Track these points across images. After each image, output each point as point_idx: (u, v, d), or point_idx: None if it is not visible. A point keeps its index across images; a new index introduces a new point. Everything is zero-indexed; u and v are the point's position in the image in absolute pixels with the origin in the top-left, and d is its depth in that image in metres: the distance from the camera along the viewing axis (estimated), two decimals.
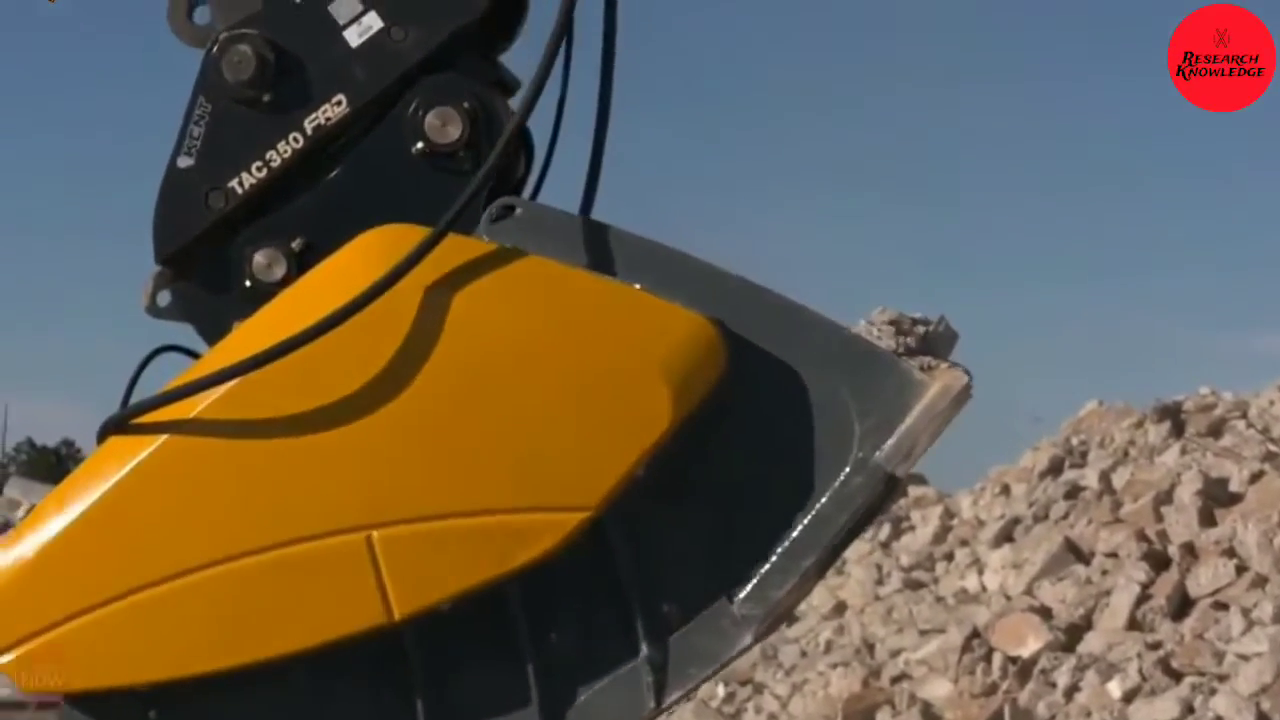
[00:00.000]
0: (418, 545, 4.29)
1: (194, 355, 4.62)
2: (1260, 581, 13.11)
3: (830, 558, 4.26)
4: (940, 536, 17.05)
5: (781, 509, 4.23)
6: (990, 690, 13.33)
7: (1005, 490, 16.99)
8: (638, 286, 4.28)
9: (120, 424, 4.27)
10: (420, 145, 4.49)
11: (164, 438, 4.31)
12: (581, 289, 4.33)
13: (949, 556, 16.49)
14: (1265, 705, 11.83)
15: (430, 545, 4.29)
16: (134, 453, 4.27)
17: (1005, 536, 15.89)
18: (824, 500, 4.22)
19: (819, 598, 16.71)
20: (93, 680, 4.37)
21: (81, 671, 4.37)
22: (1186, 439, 15.93)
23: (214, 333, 4.61)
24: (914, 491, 18.09)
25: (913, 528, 17.81)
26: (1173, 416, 16.44)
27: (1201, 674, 12.48)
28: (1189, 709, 12.17)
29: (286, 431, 4.34)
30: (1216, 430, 16.02)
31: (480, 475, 4.28)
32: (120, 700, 4.33)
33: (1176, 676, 12.52)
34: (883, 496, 4.26)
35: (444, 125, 4.49)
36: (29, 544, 4.35)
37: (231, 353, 4.29)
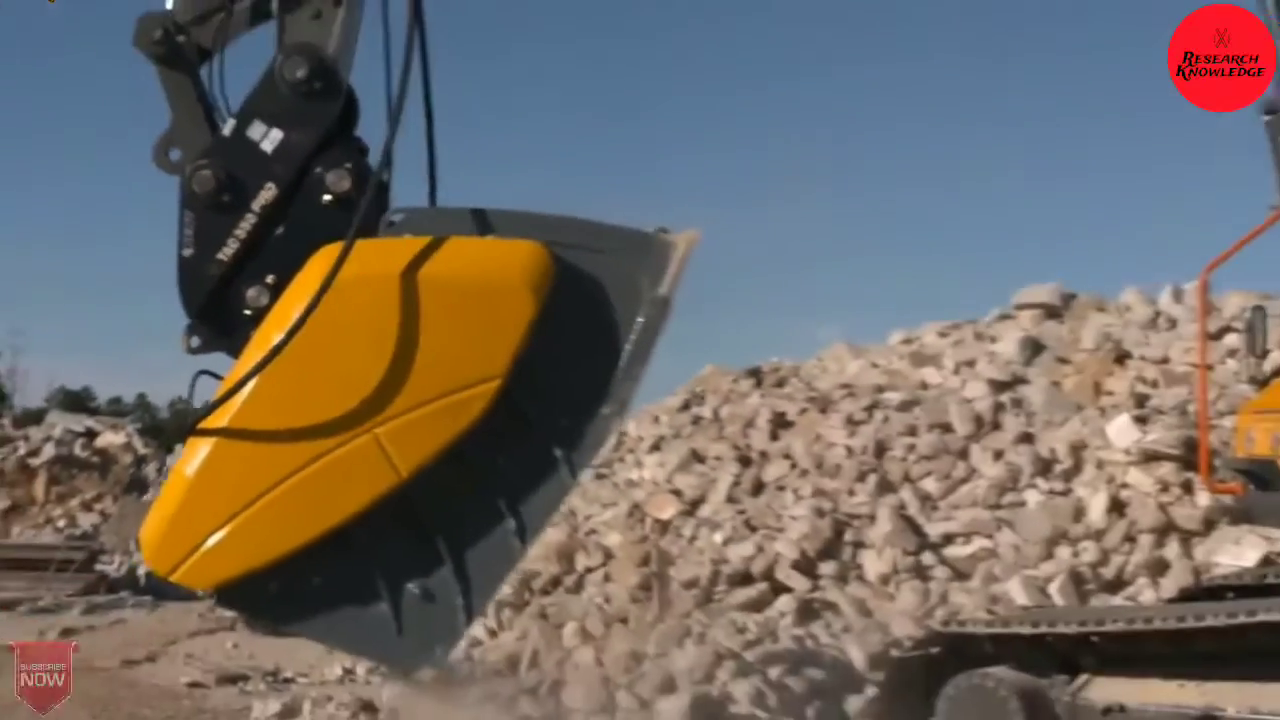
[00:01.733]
0: (405, 430, 5.88)
1: (218, 376, 6.10)
2: (804, 473, 16.88)
3: (646, 363, 6.20)
4: (617, 447, 19.59)
5: (616, 343, 6.02)
6: (644, 539, 16.59)
7: (656, 419, 20.39)
8: (490, 237, 5.95)
9: (194, 428, 5.96)
10: (327, 197, 6.02)
11: (227, 422, 5.88)
12: (457, 247, 5.90)
13: (622, 459, 19.67)
14: (806, 546, 15.12)
15: (412, 428, 5.88)
16: (210, 439, 5.89)
17: (655, 447, 19.41)
18: (637, 329, 6.01)
19: None
20: (230, 572, 6.02)
21: (221, 569, 6.02)
22: (763, 388, 19.66)
23: (236, 349, 6.11)
24: None
25: None
26: (756, 375, 20.18)
27: (769, 528, 15.85)
28: (760, 549, 15.35)
29: (305, 387, 5.87)
30: (781, 383, 19.79)
31: (429, 377, 5.83)
32: (249, 582, 6.05)
33: (754, 530, 15.90)
34: (666, 319, 6.14)
35: (339, 181, 6.03)
36: (168, 503, 6.16)
37: (254, 355, 5.85)
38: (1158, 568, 14.60)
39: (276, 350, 5.84)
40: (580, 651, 14.42)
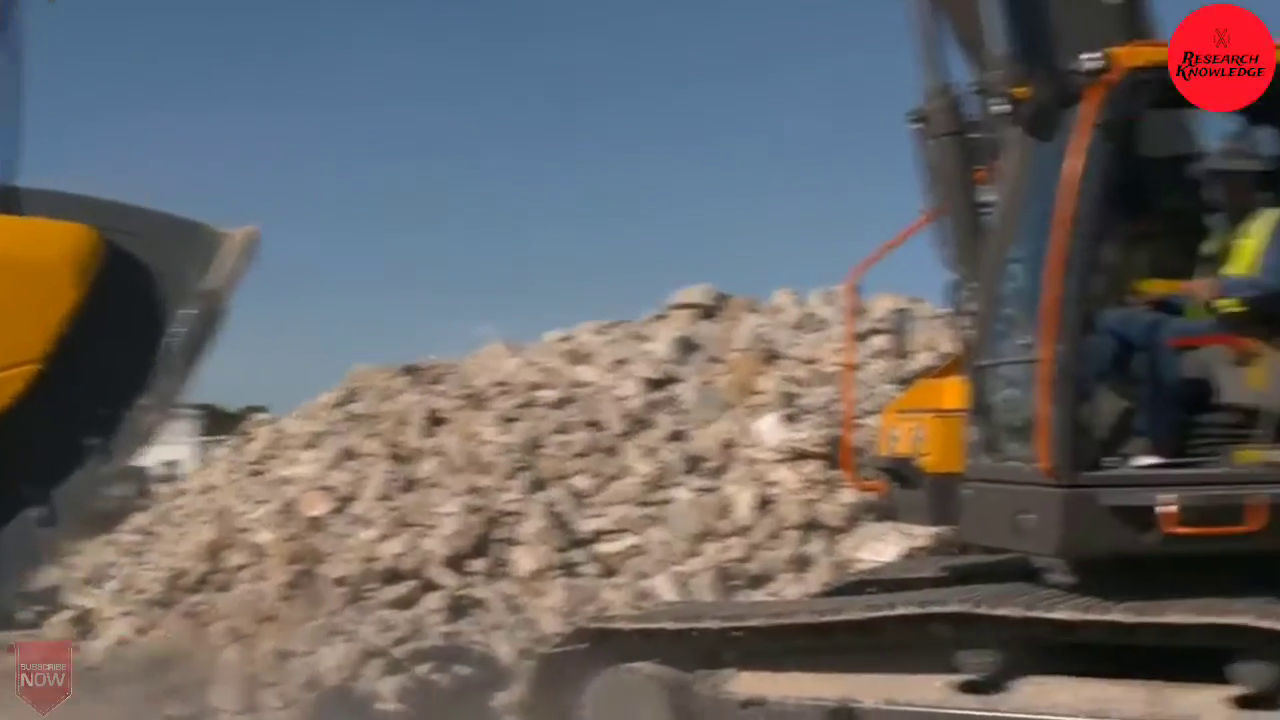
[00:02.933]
0: None
1: None
2: (457, 470, 16.89)
3: (196, 356, 6.89)
4: (273, 444, 19.75)
5: (162, 334, 6.84)
6: (295, 537, 16.38)
7: (312, 416, 20.06)
8: (36, 217, 6.81)
9: None
10: None
11: None
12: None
13: (276, 456, 19.41)
14: (457, 543, 15.40)
15: None
16: None
17: (310, 444, 19.09)
18: (187, 322, 6.89)
19: (199, 481, 19.88)
20: None
21: None
22: (420, 386, 19.51)
23: None
24: (259, 416, 21.72)
25: (255, 439, 20.36)
26: (412, 372, 19.98)
27: (420, 525, 16.09)
28: (412, 547, 15.59)
29: None
30: (437, 380, 19.61)
31: None
32: None
33: (407, 527, 16.07)
34: (216, 312, 6.90)
35: None
36: None
37: None
38: (802, 563, 15.10)
39: None
40: (229, 650, 14.30)
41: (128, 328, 6.08)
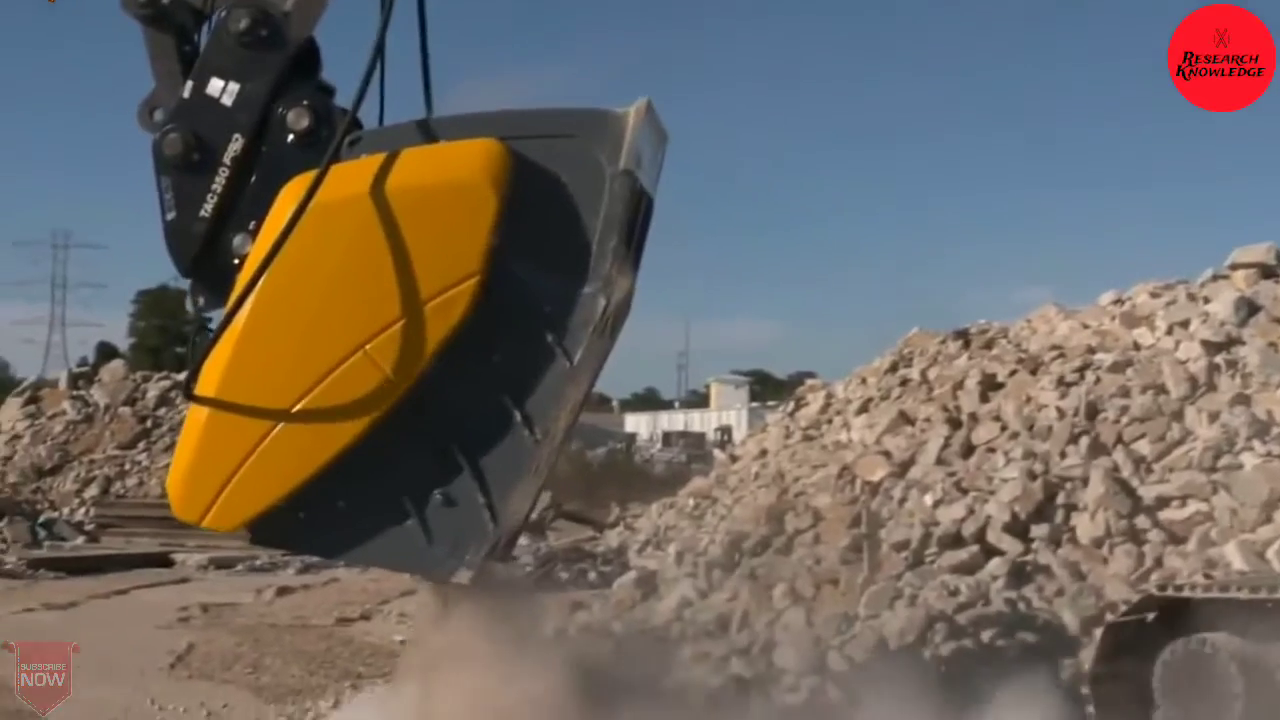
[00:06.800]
0: (394, 341, 6.18)
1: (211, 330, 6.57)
2: (1014, 435, 16.86)
3: (628, 239, 6.24)
4: (825, 409, 20.45)
5: (586, 223, 6.23)
6: (854, 501, 16.66)
7: (864, 381, 20.66)
8: (444, 142, 6.33)
9: (194, 374, 6.49)
10: (291, 137, 6.55)
11: (223, 365, 6.31)
12: (415, 157, 6.30)
13: (830, 421, 20.07)
14: (1017, 509, 15.14)
15: (401, 338, 6.16)
16: (213, 383, 6.35)
17: (863, 409, 19.60)
18: (605, 205, 6.23)
19: (753, 446, 20.10)
20: (254, 509, 6.41)
21: (246, 508, 6.40)
22: (971, 350, 19.79)
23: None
24: (810, 382, 22.03)
25: (808, 404, 21.04)
26: (964, 336, 20.28)
27: (980, 490, 15.98)
28: (971, 511, 15.51)
29: (294, 317, 6.27)
30: (990, 345, 19.80)
31: (409, 285, 6.11)
32: (277, 517, 6.40)
33: (965, 492, 16.03)
34: (637, 192, 6.24)
35: (299, 119, 6.54)
36: (185, 452, 6.45)
37: (242, 282, 6.35)
38: None
39: (255, 280, 6.11)
40: (790, 613, 14.35)
41: (555, 224, 6.21)
